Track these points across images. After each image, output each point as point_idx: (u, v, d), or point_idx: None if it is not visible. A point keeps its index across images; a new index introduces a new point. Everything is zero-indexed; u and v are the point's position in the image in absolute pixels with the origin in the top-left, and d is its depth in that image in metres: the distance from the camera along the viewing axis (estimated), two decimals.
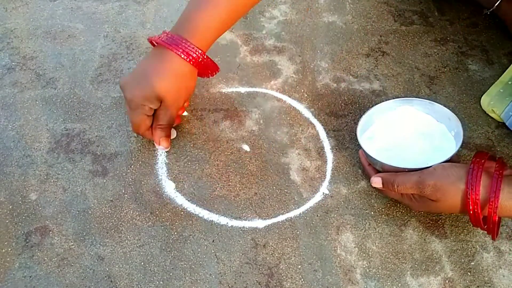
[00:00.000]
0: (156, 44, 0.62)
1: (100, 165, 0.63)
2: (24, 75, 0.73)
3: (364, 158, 0.60)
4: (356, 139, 0.62)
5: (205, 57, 0.61)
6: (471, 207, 0.51)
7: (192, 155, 0.64)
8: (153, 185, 0.61)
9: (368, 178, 0.60)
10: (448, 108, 0.60)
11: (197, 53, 0.60)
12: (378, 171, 0.58)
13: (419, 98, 0.63)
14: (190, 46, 0.59)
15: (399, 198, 0.57)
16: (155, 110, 0.61)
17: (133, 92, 0.59)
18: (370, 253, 0.56)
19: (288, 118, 0.68)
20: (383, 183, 0.56)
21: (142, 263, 0.55)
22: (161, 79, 0.59)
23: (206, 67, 0.62)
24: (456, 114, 0.68)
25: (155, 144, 0.63)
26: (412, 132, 0.61)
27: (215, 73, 0.65)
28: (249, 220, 0.59)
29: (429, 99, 0.62)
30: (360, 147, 0.59)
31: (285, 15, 0.82)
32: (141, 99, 0.59)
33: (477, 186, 0.50)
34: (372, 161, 0.58)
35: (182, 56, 0.59)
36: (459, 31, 0.80)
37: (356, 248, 0.56)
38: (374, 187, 0.57)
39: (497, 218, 0.51)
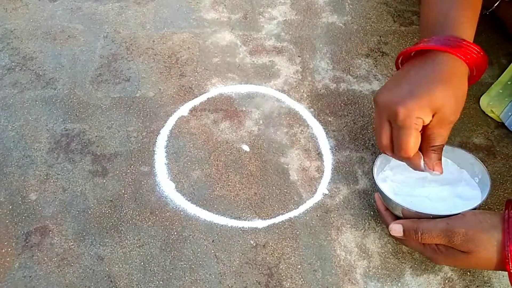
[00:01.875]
0: (412, 54, 0.53)
1: (100, 165, 0.63)
2: (24, 75, 0.73)
3: (381, 202, 0.55)
4: (356, 140, 0.63)
5: (482, 52, 0.51)
6: (510, 261, 0.44)
7: (192, 155, 0.64)
8: (152, 185, 0.61)
9: (385, 225, 0.54)
10: (471, 154, 0.56)
11: (475, 52, 0.50)
12: (396, 218, 0.53)
13: None
14: (468, 45, 0.50)
15: (420, 249, 0.50)
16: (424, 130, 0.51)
17: (408, 105, 0.48)
18: (369, 253, 0.56)
19: (288, 118, 0.69)
20: (404, 231, 0.50)
21: (142, 263, 0.55)
22: (437, 84, 0.48)
23: (482, 66, 0.52)
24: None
25: (424, 168, 0.52)
26: (431, 178, 0.55)
27: (484, 71, 0.54)
28: (248, 220, 0.59)
29: (448, 144, 0.56)
30: (377, 190, 0.55)
31: (284, 15, 0.83)
32: (417, 111, 0.48)
33: None
34: (390, 206, 0.53)
35: (462, 57, 0.49)
36: None
37: (356, 248, 0.56)
38: (393, 236, 0.52)
39: None
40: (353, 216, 0.59)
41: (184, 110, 0.69)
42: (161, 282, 0.54)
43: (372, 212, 0.59)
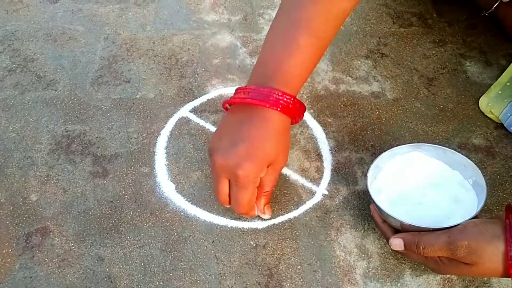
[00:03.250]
0: (233, 104, 0.55)
1: (100, 166, 0.63)
2: (25, 77, 0.73)
3: (377, 214, 0.54)
4: (356, 141, 0.63)
5: (295, 103, 0.54)
6: None
7: (192, 156, 0.65)
8: (153, 186, 0.61)
9: (384, 238, 0.53)
10: (463, 155, 0.56)
11: (291, 102, 0.53)
12: (394, 229, 0.52)
13: (428, 143, 0.58)
14: (284, 97, 0.52)
15: (422, 261, 0.50)
16: None
17: (246, 169, 0.51)
18: (369, 253, 0.56)
19: None
20: (405, 245, 0.49)
21: (142, 264, 0.55)
22: (269, 143, 0.52)
23: (298, 113, 0.55)
24: (454, 116, 0.69)
25: (257, 212, 0.56)
26: (424, 182, 0.55)
27: (302, 117, 0.57)
28: (248, 221, 0.59)
29: (439, 145, 0.57)
30: (372, 202, 0.53)
31: None
32: (256, 173, 0.52)
33: None
34: (387, 219, 0.52)
35: (279, 109, 0.52)
36: (458, 32, 0.81)
37: (356, 249, 0.57)
38: (393, 250, 0.51)
39: None
40: (352, 217, 0.59)
41: (184, 111, 0.70)
42: (161, 283, 0.54)
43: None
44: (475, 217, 0.50)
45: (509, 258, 0.44)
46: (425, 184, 0.55)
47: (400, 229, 0.51)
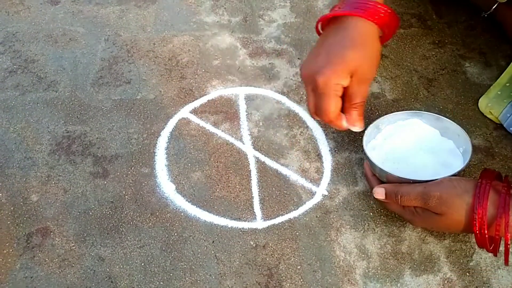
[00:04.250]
0: (325, 24, 0.55)
1: (100, 167, 0.64)
2: (26, 78, 0.74)
3: (368, 168, 0.58)
4: (355, 141, 0.63)
5: (389, 11, 0.52)
6: (477, 223, 0.47)
7: (192, 157, 0.65)
8: (153, 187, 0.62)
9: (370, 188, 0.58)
10: (458, 124, 0.58)
11: (383, 12, 0.52)
12: (381, 182, 0.56)
13: (428, 112, 0.61)
14: (376, 6, 0.51)
15: (400, 211, 0.54)
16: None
17: (325, 74, 0.50)
18: (369, 253, 0.56)
19: (288, 120, 0.69)
20: (386, 194, 0.54)
21: (143, 264, 0.55)
22: (350, 49, 0.51)
23: (390, 24, 0.54)
24: (454, 116, 0.69)
25: (346, 126, 0.56)
26: (419, 146, 0.59)
27: (397, 30, 0.55)
28: (248, 221, 0.59)
29: (438, 114, 0.60)
30: (366, 157, 0.57)
31: (284, 18, 0.83)
32: (335, 78, 0.51)
33: (485, 200, 0.47)
34: (377, 172, 0.56)
35: (370, 19, 0.51)
36: (457, 33, 0.81)
37: (355, 249, 0.57)
38: (376, 199, 0.56)
39: (509, 238, 0.47)
40: (352, 217, 0.59)
41: (184, 112, 0.70)
42: (161, 283, 0.54)
43: (371, 213, 0.59)
44: (456, 175, 0.53)
45: (474, 211, 0.47)
46: (419, 148, 0.59)
47: (386, 182, 0.55)
